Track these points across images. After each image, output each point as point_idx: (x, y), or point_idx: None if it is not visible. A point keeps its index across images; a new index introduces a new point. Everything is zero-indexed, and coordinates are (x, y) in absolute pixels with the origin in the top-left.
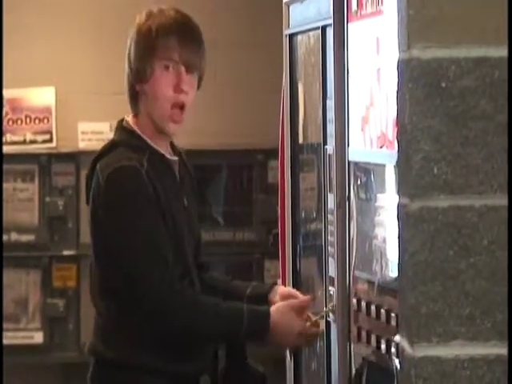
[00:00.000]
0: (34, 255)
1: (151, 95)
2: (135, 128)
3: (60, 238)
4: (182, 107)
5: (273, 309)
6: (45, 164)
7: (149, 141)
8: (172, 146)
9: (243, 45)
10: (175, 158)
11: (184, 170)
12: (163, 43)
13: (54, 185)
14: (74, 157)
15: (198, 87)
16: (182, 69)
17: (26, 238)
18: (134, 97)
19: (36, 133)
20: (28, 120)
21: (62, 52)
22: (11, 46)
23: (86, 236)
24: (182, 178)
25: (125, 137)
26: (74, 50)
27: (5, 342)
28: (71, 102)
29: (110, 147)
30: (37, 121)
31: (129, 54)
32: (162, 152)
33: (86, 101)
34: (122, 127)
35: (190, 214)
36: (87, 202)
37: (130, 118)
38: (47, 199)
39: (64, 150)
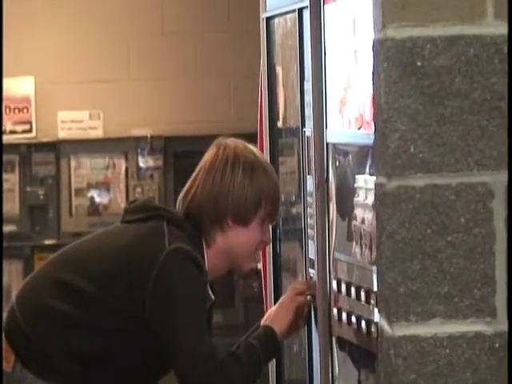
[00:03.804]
0: (15, 245)
1: (242, 240)
2: (206, 258)
3: (41, 228)
4: None
5: (268, 321)
6: (25, 154)
7: (208, 278)
8: None
9: (220, 32)
10: (213, 299)
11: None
12: (275, 204)
13: (35, 174)
14: (54, 146)
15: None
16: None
17: (8, 228)
18: (218, 224)
19: (16, 123)
20: (7, 110)
21: (41, 41)
22: None
23: (66, 225)
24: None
25: (197, 245)
26: (52, 39)
27: None
28: (50, 92)
29: (182, 227)
30: (16, 111)
31: (230, 186)
32: (209, 290)
33: (65, 90)
34: (199, 238)
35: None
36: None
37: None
38: (28, 189)
39: (44, 139)
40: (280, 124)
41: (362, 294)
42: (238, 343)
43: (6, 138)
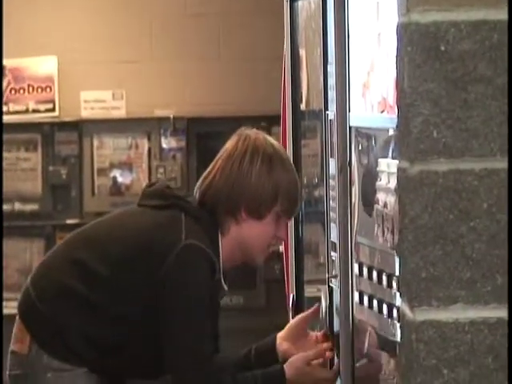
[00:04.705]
0: (37, 224)
1: (255, 234)
2: (221, 247)
3: (63, 207)
4: None
5: (287, 365)
6: (48, 133)
7: (221, 266)
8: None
9: (245, 13)
10: (226, 290)
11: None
12: (291, 201)
13: (57, 154)
14: (76, 125)
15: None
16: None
17: (30, 207)
18: (233, 214)
19: (38, 102)
20: (30, 89)
21: (64, 21)
22: (13, 15)
23: (88, 205)
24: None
25: (212, 237)
26: (75, 19)
27: (9, 311)
28: (73, 71)
29: (199, 219)
30: (39, 90)
31: (247, 176)
32: (223, 282)
33: (88, 69)
34: (215, 227)
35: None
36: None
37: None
38: (50, 168)
39: (67, 118)
40: (303, 107)
41: (384, 278)
42: (250, 348)
43: (28, 117)
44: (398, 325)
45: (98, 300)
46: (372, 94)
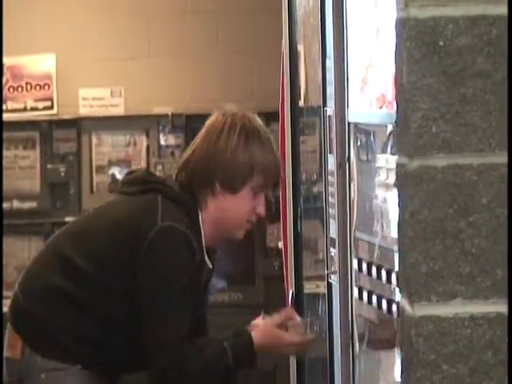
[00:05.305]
0: (36, 222)
1: (231, 208)
2: (202, 225)
3: (62, 205)
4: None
5: (254, 330)
6: (46, 131)
7: (203, 241)
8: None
9: (243, 10)
10: (210, 268)
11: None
12: (267, 176)
13: (56, 151)
14: (75, 123)
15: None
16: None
17: (28, 205)
18: (208, 188)
19: (37, 100)
20: (29, 87)
21: (62, 18)
22: (11, 13)
23: (87, 202)
24: (206, 281)
25: (191, 215)
26: (74, 17)
27: (6, 309)
28: (72, 69)
29: (177, 200)
30: (38, 88)
31: (222, 152)
32: (206, 260)
33: (86, 67)
34: (193, 204)
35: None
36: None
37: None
38: (49, 166)
39: (65, 116)
40: (301, 103)
41: (383, 273)
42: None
43: (27, 115)
44: (397, 320)
45: (86, 297)
46: (371, 90)
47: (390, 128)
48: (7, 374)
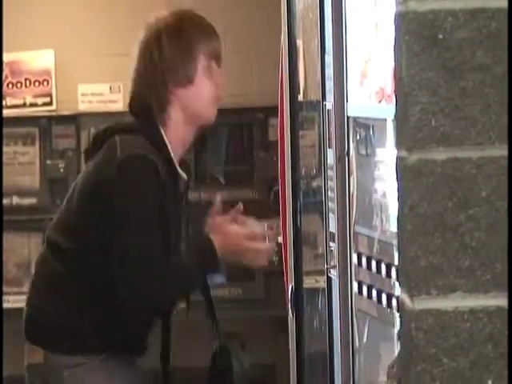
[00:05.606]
0: (35, 218)
1: (196, 96)
2: (168, 139)
3: (61, 201)
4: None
5: (212, 232)
6: (45, 127)
7: (172, 155)
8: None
9: (241, 6)
10: (186, 179)
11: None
12: (205, 41)
13: (55, 147)
14: (74, 119)
15: None
16: (216, 64)
17: (28, 201)
18: (163, 97)
19: (36, 96)
20: (28, 83)
21: (61, 14)
22: (10, 9)
23: None
24: (183, 193)
25: (152, 136)
26: (72, 12)
27: (8, 305)
28: (71, 65)
29: (133, 130)
30: (36, 83)
31: (160, 58)
32: (180, 172)
33: (85, 63)
34: (152, 123)
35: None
36: (88, 159)
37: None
38: (48, 162)
39: (64, 112)
40: (300, 97)
41: (383, 267)
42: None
43: (26, 111)
44: (397, 314)
45: (73, 270)
46: (370, 84)
47: (389, 122)
48: (29, 382)
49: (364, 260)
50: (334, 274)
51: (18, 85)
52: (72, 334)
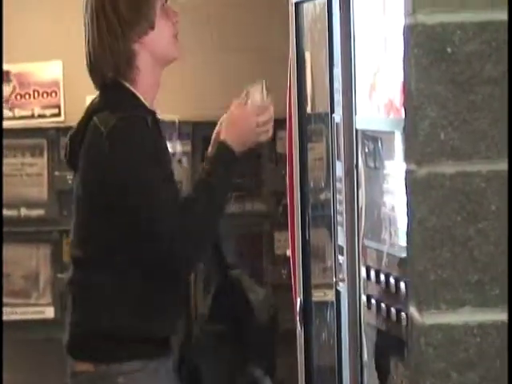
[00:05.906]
0: (43, 230)
1: (160, 39)
2: (140, 91)
3: (70, 212)
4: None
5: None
6: (53, 138)
7: (148, 106)
8: None
9: (249, 15)
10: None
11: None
12: None
13: (63, 159)
14: None
15: None
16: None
17: (36, 212)
18: (133, 57)
19: (44, 107)
20: (36, 94)
21: (69, 25)
22: (17, 20)
23: None
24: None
25: (125, 101)
26: (80, 23)
27: (16, 317)
28: (79, 76)
29: (106, 102)
30: (45, 95)
31: (117, 14)
32: (159, 117)
33: None
34: (119, 87)
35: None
36: (68, 157)
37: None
38: (56, 173)
39: (72, 123)
40: (308, 110)
41: (392, 281)
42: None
43: (34, 122)
44: (406, 328)
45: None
46: (378, 97)
47: (398, 135)
48: None
49: (373, 273)
50: (342, 287)
51: (27, 96)
52: (129, 341)
